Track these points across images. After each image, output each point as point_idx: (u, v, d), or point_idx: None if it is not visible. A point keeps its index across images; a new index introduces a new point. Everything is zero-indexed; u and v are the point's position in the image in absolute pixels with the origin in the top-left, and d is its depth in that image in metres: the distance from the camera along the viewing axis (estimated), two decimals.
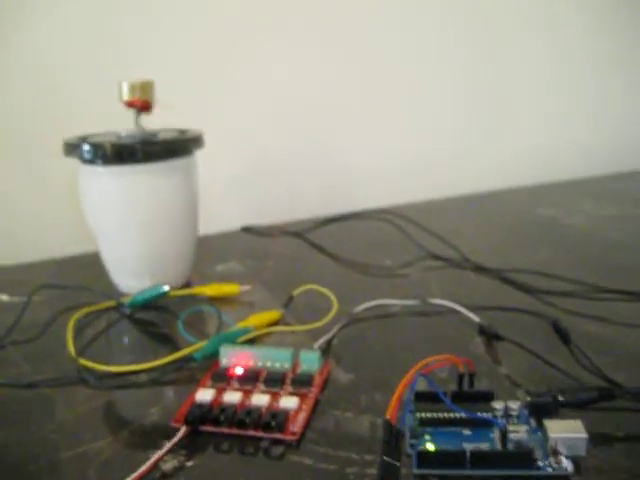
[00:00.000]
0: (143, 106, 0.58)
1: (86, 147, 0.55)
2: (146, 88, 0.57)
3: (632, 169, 1.12)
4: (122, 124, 0.60)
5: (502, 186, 1.02)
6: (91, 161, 0.56)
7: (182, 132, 0.62)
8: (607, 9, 1.07)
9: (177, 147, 0.58)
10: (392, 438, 0.32)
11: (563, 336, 0.49)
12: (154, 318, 0.57)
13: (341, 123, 0.93)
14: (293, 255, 0.73)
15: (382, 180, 0.96)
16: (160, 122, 0.61)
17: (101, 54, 0.76)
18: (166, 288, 0.57)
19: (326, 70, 0.90)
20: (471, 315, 0.52)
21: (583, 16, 1.06)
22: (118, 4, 0.76)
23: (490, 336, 0.50)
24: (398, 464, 0.31)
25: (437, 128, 1.00)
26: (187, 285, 0.63)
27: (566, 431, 0.35)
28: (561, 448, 0.35)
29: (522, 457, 0.34)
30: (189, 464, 0.36)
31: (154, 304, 0.58)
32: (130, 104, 0.57)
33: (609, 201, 0.93)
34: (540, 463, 0.34)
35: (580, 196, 0.96)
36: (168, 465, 0.36)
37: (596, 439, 0.36)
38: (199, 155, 0.62)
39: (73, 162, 0.58)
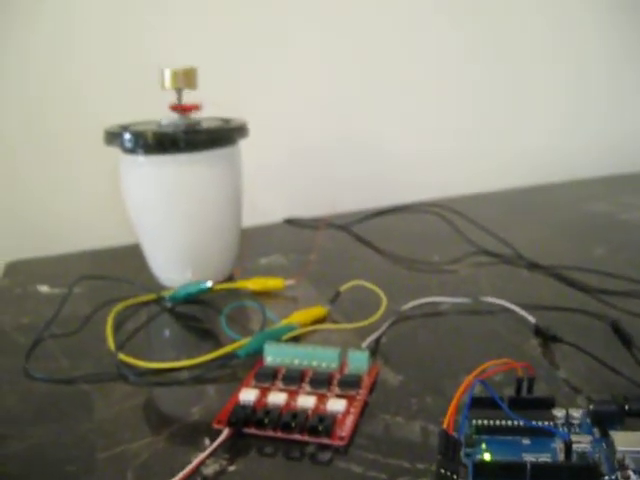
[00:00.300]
0: None
1: (127, 136, 0.54)
2: (189, 75, 0.56)
3: None
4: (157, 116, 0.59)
5: (551, 180, 0.99)
6: (132, 150, 0.54)
7: (226, 121, 0.60)
8: (620, 5, 1.02)
9: (221, 136, 0.56)
10: (449, 449, 0.30)
11: (624, 339, 0.47)
12: (196, 312, 0.56)
13: (387, 114, 0.90)
14: (338, 249, 0.71)
15: (429, 172, 0.94)
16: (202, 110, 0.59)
17: (135, 42, 0.74)
18: (209, 284, 0.55)
19: (370, 61, 0.87)
20: (526, 315, 0.50)
21: (595, 14, 1.01)
22: None
23: (547, 338, 0.47)
24: (455, 477, 0.29)
25: (484, 120, 0.97)
26: (230, 279, 0.62)
27: (635, 444, 0.32)
28: (629, 462, 0.32)
29: (587, 471, 0.32)
30: (231, 469, 0.35)
31: (196, 298, 0.57)
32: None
33: None
34: (606, 477, 0.32)
35: (633, 191, 0.93)
36: (209, 469, 0.35)
37: None
38: (242, 145, 0.60)
39: (114, 152, 0.57)
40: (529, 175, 0.99)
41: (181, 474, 0.33)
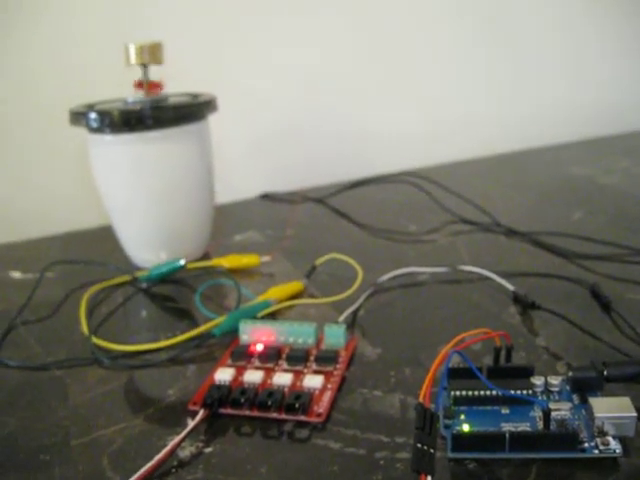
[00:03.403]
0: None
1: (92, 115, 0.52)
2: (155, 50, 0.54)
3: None
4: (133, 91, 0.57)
5: (528, 146, 0.99)
6: (99, 130, 0.53)
7: (194, 96, 0.59)
8: None
9: (188, 112, 0.54)
10: (426, 422, 0.29)
11: (603, 303, 0.46)
12: (171, 292, 0.55)
13: (361, 87, 0.89)
14: (314, 222, 0.70)
15: (404, 143, 0.93)
16: (172, 86, 0.58)
17: (112, 18, 0.72)
18: (182, 262, 0.54)
19: (343, 35, 0.86)
20: (504, 282, 0.50)
21: None
22: None
23: (526, 305, 0.47)
24: (433, 451, 0.28)
25: (458, 90, 0.96)
26: (205, 257, 0.61)
27: (614, 410, 0.32)
28: (609, 428, 0.32)
29: (566, 439, 0.32)
30: (208, 450, 0.34)
31: (171, 278, 0.56)
32: None
33: None
34: (586, 445, 0.32)
35: (613, 154, 0.92)
36: (186, 452, 0.34)
37: None
38: (214, 121, 0.59)
39: (82, 132, 0.55)
40: (507, 142, 0.98)
41: (157, 458, 0.33)
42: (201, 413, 0.36)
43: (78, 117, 0.54)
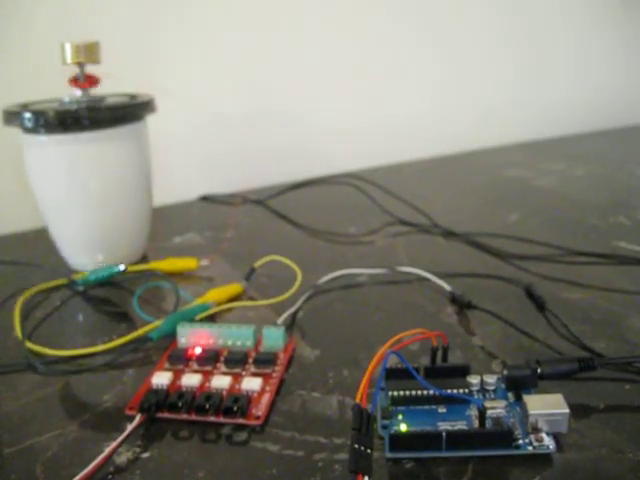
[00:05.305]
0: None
1: (27, 115, 0.51)
2: (92, 49, 0.53)
3: (591, 129, 1.12)
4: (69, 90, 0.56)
5: (466, 149, 1.00)
6: (33, 130, 0.52)
7: (132, 97, 0.58)
8: None
9: (126, 113, 0.54)
10: (363, 423, 0.29)
11: (538, 303, 0.47)
12: (109, 295, 0.54)
13: (303, 86, 0.89)
14: (255, 224, 0.70)
15: (346, 143, 0.93)
16: (109, 87, 0.57)
17: (41, 14, 0.71)
18: (122, 267, 0.53)
19: (290, 32, 0.86)
20: (442, 283, 0.50)
21: None
22: None
23: (462, 305, 0.48)
24: (370, 452, 0.29)
25: (400, 92, 0.97)
26: (143, 259, 0.60)
27: (547, 407, 0.33)
28: (542, 425, 0.33)
29: (501, 437, 0.32)
30: (145, 455, 0.34)
31: (108, 281, 0.55)
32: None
33: (578, 162, 0.91)
34: (520, 442, 0.32)
35: (548, 157, 0.94)
36: (122, 457, 0.34)
37: (576, 411, 0.35)
38: (152, 122, 0.58)
39: (17, 132, 0.54)
40: (445, 144, 1.00)
41: (92, 464, 0.32)
42: (138, 418, 0.36)
43: (12, 117, 0.52)
